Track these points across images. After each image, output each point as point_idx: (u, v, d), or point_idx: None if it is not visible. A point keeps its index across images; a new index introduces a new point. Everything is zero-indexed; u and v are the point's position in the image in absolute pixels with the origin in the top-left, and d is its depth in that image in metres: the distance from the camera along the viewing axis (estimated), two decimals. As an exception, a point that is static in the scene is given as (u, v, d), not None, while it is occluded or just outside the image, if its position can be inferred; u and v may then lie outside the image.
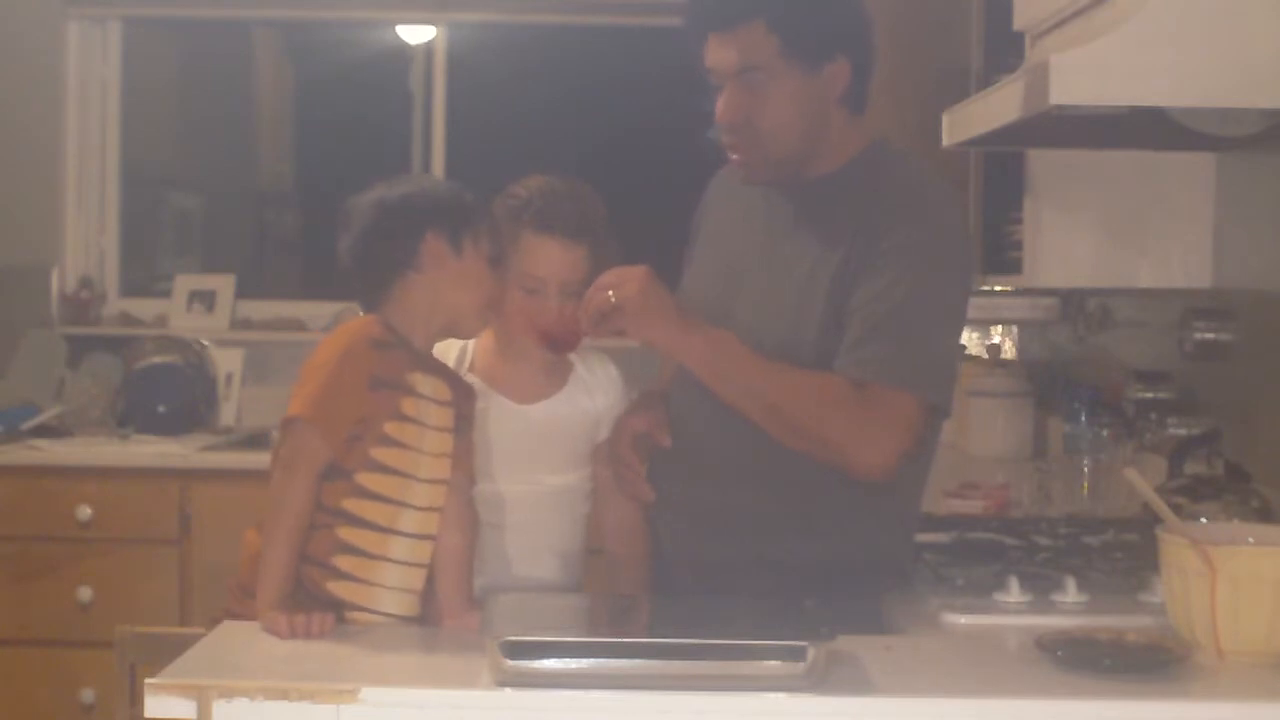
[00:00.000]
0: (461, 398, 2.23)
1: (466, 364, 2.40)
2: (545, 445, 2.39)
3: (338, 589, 2.11)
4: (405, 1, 5.16)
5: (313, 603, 2.06)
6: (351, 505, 2.11)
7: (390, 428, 2.12)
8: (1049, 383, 3.84)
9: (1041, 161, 2.99)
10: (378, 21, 5.23)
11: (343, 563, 2.11)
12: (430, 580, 2.19)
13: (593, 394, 2.42)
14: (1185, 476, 2.63)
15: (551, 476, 2.39)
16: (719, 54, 2.28)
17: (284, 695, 1.74)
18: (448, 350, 2.40)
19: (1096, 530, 2.67)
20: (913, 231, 2.24)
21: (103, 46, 5.13)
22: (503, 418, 2.37)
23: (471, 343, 2.43)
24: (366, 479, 2.12)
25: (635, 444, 2.35)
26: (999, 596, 2.22)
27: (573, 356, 2.43)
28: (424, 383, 2.17)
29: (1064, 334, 3.80)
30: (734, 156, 2.35)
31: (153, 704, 1.75)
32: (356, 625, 2.10)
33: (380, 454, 2.12)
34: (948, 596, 2.24)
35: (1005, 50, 3.02)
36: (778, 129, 2.27)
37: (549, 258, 2.33)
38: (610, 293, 2.20)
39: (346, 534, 2.11)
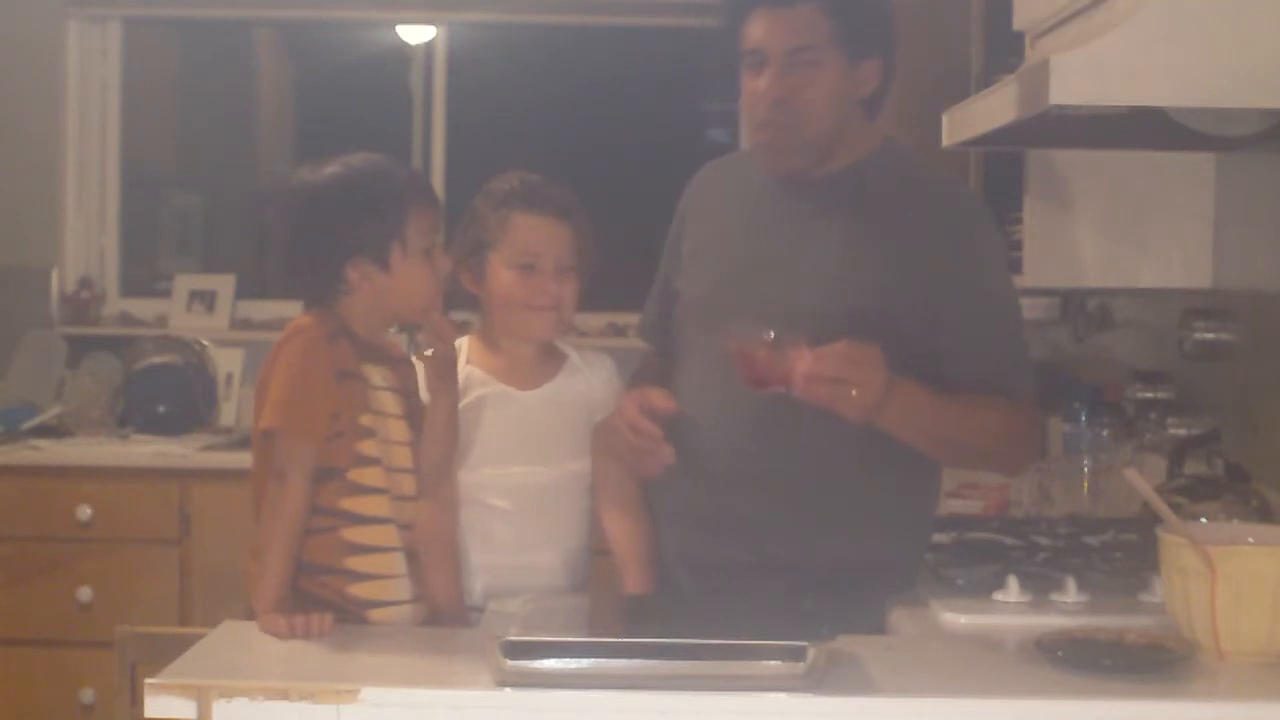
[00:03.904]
0: (409, 382, 2.26)
1: (463, 360, 2.42)
2: (544, 432, 2.41)
3: (362, 590, 2.12)
4: (405, 1, 5.16)
5: (329, 608, 2.07)
6: (350, 504, 2.12)
7: (365, 419, 2.14)
8: (1049, 383, 3.84)
9: (1041, 161, 2.99)
10: (378, 21, 5.24)
11: (356, 564, 2.13)
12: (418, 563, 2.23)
13: (589, 380, 2.45)
14: (1185, 476, 2.63)
15: (551, 464, 2.41)
16: (770, 31, 2.28)
17: (284, 695, 1.74)
18: None
19: (1096, 530, 2.67)
20: (975, 229, 2.35)
21: (103, 46, 5.12)
22: (501, 404, 2.40)
23: (465, 339, 2.46)
24: (358, 474, 2.12)
25: (645, 413, 2.33)
26: (999, 596, 2.22)
27: (566, 347, 2.48)
28: (375, 373, 2.19)
29: (1064, 334, 3.80)
30: (762, 138, 2.35)
31: (153, 704, 1.75)
32: (365, 624, 2.12)
33: (364, 447, 2.13)
34: (948, 596, 2.24)
35: (1005, 50, 3.02)
36: (817, 113, 2.30)
37: (541, 234, 2.38)
38: (854, 391, 2.12)
39: (351, 534, 2.12)
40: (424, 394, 2.30)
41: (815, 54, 2.27)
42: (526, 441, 2.40)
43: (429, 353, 2.28)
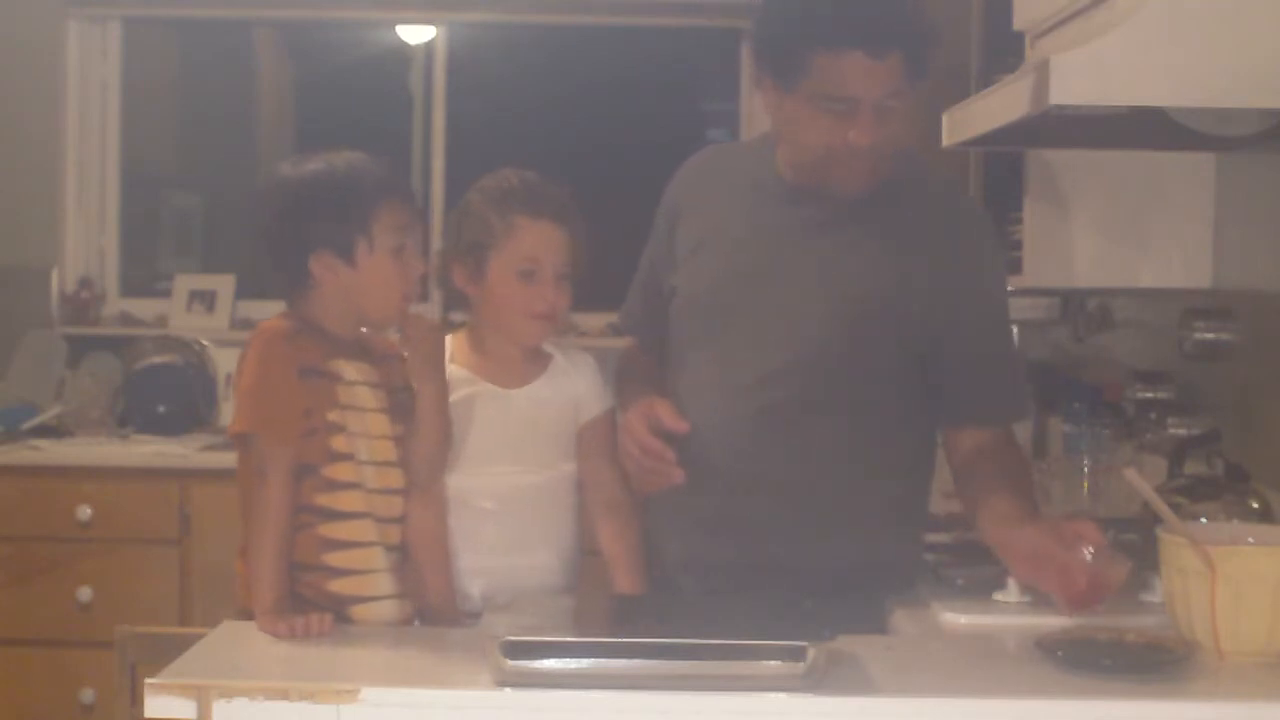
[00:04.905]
0: (391, 378, 2.25)
1: (446, 359, 2.42)
2: (531, 431, 2.42)
3: (341, 586, 2.12)
4: (405, 1, 5.16)
5: (312, 606, 2.07)
6: (325, 500, 2.14)
7: (334, 415, 2.14)
8: (1049, 383, 3.84)
9: (1041, 161, 2.98)
10: (378, 21, 5.23)
11: (335, 559, 2.13)
12: (409, 563, 2.24)
13: (573, 378, 2.45)
14: (1185, 476, 2.63)
15: (539, 464, 2.41)
16: (867, 81, 2.21)
17: (284, 695, 1.74)
18: None
19: (1096, 530, 2.67)
20: (976, 237, 2.37)
21: (103, 46, 5.12)
22: (489, 403, 2.40)
23: (449, 338, 2.46)
24: (331, 470, 2.13)
25: (654, 431, 2.31)
26: (999, 596, 2.22)
27: (551, 347, 2.47)
28: (349, 368, 2.19)
29: (1064, 334, 3.80)
30: (850, 181, 2.30)
31: (153, 704, 1.75)
32: (360, 622, 2.12)
33: (334, 442, 2.14)
34: (948, 597, 2.24)
35: (1005, 50, 3.02)
36: (889, 153, 2.29)
37: (544, 240, 2.37)
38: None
39: (328, 530, 2.14)
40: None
41: (900, 98, 2.24)
42: (514, 441, 2.40)
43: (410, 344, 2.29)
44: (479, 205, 2.40)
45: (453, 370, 2.40)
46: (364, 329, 2.25)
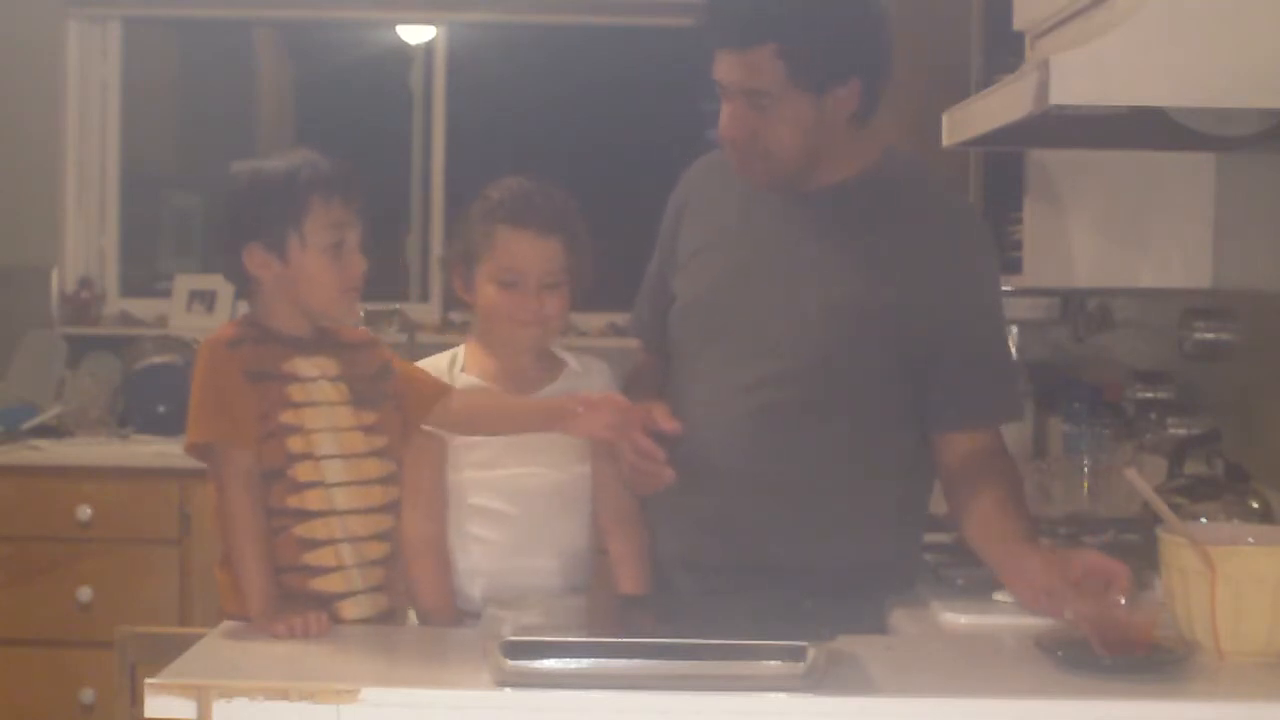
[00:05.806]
0: (355, 369, 2.23)
1: (458, 367, 2.43)
2: (544, 435, 2.40)
3: (322, 584, 2.13)
4: (405, 1, 5.16)
5: (305, 605, 2.07)
6: (294, 501, 2.14)
7: (287, 416, 2.14)
8: (1049, 383, 3.84)
9: (1041, 161, 2.99)
10: (378, 21, 5.24)
11: (313, 558, 2.14)
12: (399, 565, 2.24)
13: (586, 384, 2.44)
14: (1185, 476, 2.63)
15: (551, 466, 2.41)
16: (728, 71, 2.26)
17: (284, 695, 1.74)
18: (438, 360, 2.45)
19: (1096, 530, 2.67)
20: (972, 244, 2.36)
21: (103, 46, 5.12)
22: None
23: (461, 347, 2.47)
24: (297, 471, 2.13)
25: (648, 432, 2.32)
26: (999, 596, 2.22)
27: (566, 354, 2.48)
28: (305, 364, 2.18)
29: (1064, 334, 3.80)
30: (731, 160, 2.35)
31: (153, 704, 1.76)
32: (342, 619, 2.12)
33: (291, 443, 2.14)
34: (948, 596, 2.24)
35: (1005, 50, 3.02)
36: (779, 149, 2.27)
37: (523, 250, 2.36)
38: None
39: (302, 530, 2.14)
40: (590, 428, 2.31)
41: (769, 99, 2.23)
42: (525, 445, 2.39)
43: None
44: (472, 216, 2.42)
45: (464, 377, 2.41)
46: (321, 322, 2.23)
